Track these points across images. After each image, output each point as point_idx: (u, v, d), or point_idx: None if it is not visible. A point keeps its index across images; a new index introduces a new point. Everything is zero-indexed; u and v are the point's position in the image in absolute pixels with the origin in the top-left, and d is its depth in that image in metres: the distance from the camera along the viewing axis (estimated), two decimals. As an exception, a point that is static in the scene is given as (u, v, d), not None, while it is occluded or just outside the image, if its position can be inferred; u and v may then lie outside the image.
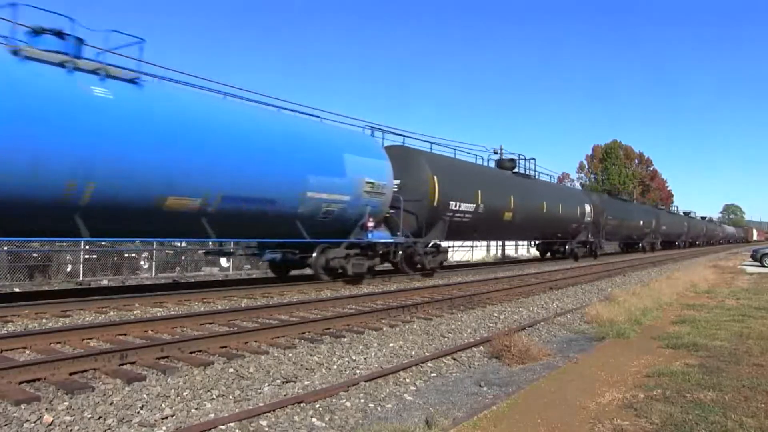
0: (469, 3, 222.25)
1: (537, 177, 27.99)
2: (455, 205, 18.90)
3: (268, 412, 5.03)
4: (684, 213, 71.25)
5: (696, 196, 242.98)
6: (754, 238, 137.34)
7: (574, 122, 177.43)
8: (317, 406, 5.30)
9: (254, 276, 18.55)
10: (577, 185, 73.74)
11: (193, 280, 16.58)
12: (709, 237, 79.80)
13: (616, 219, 37.14)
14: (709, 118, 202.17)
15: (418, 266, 17.85)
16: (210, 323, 8.89)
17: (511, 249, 38.80)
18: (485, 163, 24.66)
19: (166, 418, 4.85)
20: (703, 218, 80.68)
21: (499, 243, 35.78)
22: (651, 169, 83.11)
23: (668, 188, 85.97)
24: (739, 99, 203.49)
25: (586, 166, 79.43)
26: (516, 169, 26.06)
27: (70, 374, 5.81)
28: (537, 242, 32.10)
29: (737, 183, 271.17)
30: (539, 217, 25.88)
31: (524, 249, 39.32)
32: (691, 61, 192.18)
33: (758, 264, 30.14)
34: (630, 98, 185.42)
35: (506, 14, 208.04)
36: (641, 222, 44.88)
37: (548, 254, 32.69)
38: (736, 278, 21.97)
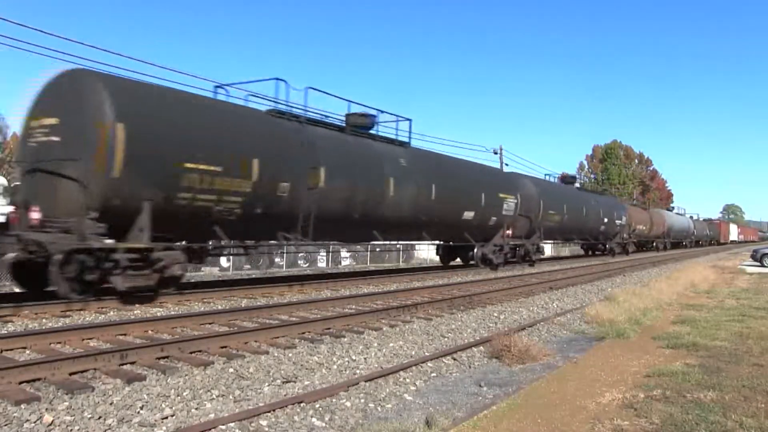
0: (467, 0, 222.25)
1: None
2: (199, 180, 10.78)
3: (268, 412, 5.03)
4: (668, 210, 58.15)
5: (696, 196, 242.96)
6: (732, 238, 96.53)
7: (574, 122, 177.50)
8: (317, 406, 5.30)
9: (254, 276, 18.55)
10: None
11: (193, 280, 16.58)
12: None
13: (561, 214, 27.07)
14: (710, 118, 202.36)
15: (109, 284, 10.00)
16: (210, 323, 8.88)
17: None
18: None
19: (166, 418, 4.85)
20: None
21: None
22: (651, 169, 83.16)
23: (668, 188, 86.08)
24: (740, 99, 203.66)
25: (586, 166, 79.48)
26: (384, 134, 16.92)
27: (70, 374, 5.81)
28: (439, 244, 22.50)
29: (737, 183, 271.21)
30: (419, 208, 16.95)
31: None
32: (692, 61, 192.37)
33: (758, 264, 30.15)
34: (630, 98, 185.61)
35: (506, 13, 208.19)
36: (604, 218, 33.58)
37: (457, 259, 23.32)
38: (736, 278, 21.98)
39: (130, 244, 10.09)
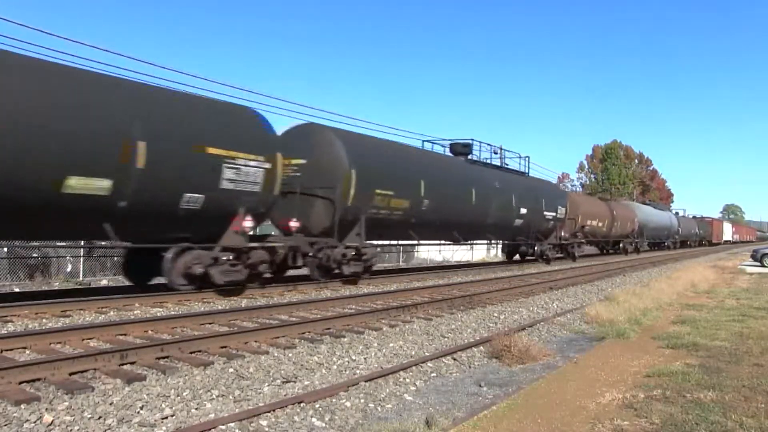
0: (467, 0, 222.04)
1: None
2: None
3: (268, 412, 5.03)
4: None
5: (696, 196, 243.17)
6: (726, 238, 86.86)
7: (574, 122, 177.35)
8: (317, 406, 5.30)
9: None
10: (578, 186, 73.67)
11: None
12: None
13: (413, 197, 16.47)
14: (710, 118, 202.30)
15: None
16: (210, 323, 8.88)
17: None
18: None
19: (166, 418, 4.85)
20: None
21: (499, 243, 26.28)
22: (651, 169, 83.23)
23: (668, 188, 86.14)
24: (740, 99, 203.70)
25: (586, 166, 79.51)
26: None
27: (70, 374, 5.81)
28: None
29: (737, 183, 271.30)
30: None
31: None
32: (692, 61, 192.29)
33: (758, 264, 30.16)
34: (630, 98, 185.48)
35: (505, 13, 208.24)
36: (520, 208, 22.71)
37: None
38: (736, 278, 21.98)
39: None
